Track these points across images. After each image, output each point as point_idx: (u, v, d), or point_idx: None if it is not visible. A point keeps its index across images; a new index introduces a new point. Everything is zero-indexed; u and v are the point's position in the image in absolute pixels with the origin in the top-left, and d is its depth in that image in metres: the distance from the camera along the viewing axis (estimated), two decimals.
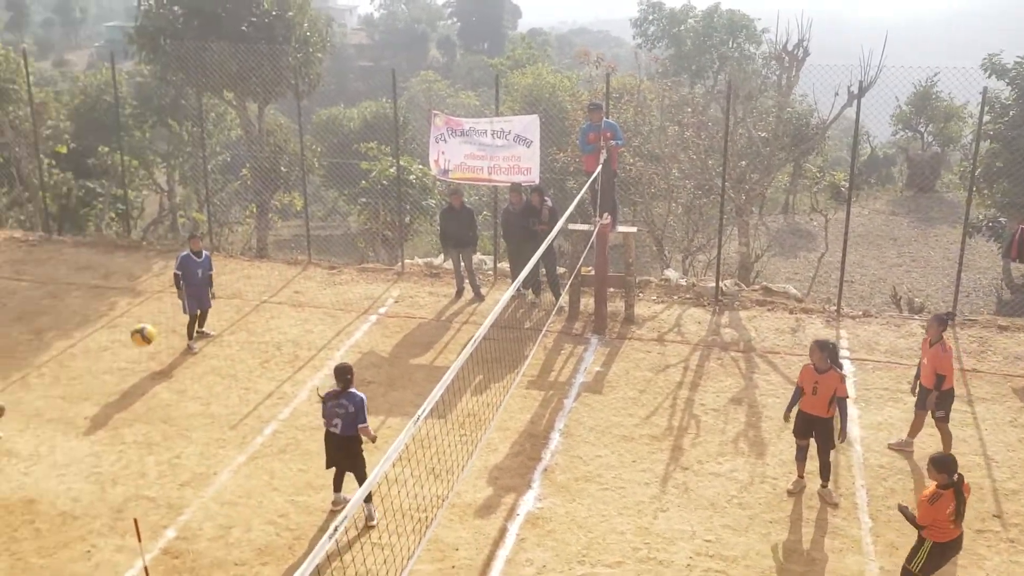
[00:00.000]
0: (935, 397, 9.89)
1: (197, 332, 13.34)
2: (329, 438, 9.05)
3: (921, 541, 7.49)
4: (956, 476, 7.33)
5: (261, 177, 21.79)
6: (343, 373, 8.94)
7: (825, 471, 9.49)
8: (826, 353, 9.14)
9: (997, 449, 10.43)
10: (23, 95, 20.84)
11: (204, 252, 13.17)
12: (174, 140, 27.44)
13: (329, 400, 8.91)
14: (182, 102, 25.79)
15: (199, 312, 13.22)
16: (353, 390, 8.90)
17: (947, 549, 7.48)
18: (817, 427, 9.32)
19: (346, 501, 9.18)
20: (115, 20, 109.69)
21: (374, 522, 9.04)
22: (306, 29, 21.02)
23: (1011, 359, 12.69)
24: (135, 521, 8.15)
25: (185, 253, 13.01)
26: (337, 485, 9.38)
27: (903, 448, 10.41)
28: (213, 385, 12.13)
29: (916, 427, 10.40)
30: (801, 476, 9.66)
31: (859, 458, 10.29)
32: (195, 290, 13.00)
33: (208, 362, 12.76)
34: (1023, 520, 9.13)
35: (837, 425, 9.31)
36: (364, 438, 8.98)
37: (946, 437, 10.13)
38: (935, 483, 7.39)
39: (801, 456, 9.59)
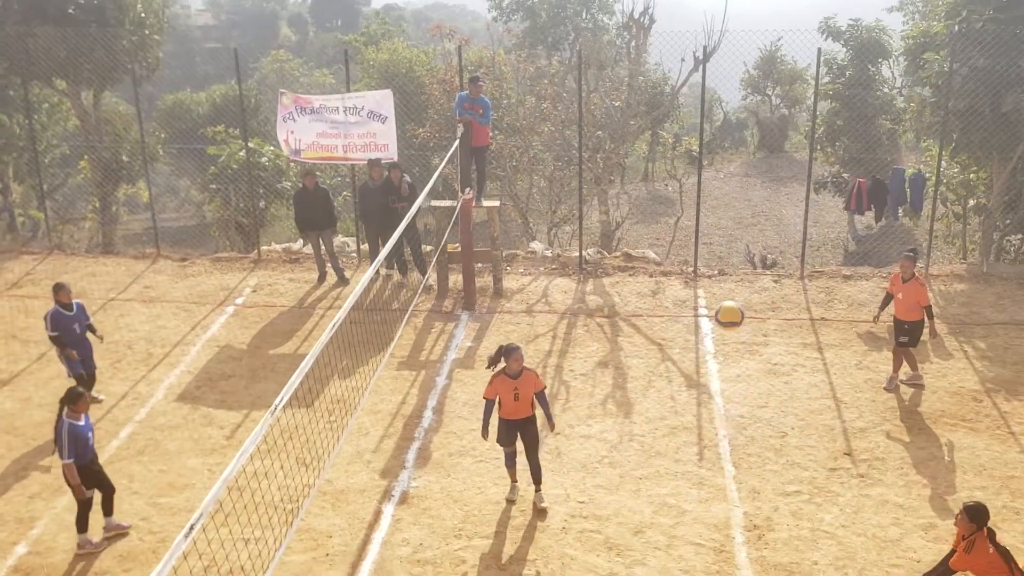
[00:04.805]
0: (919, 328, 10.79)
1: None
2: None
3: None
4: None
5: (101, 168, 20.55)
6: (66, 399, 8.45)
7: (537, 474, 8.92)
8: (511, 358, 8.55)
9: (845, 391, 11.03)
10: None
11: (76, 303, 10.93)
12: (4, 134, 25.52)
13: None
14: (9, 93, 23.97)
15: (85, 374, 10.81)
16: (63, 417, 8.36)
17: None
18: (523, 429, 8.77)
19: (119, 527, 8.69)
20: None
21: (82, 551, 8.47)
22: (140, 11, 19.87)
23: (855, 306, 13.44)
24: None
25: (53, 309, 10.71)
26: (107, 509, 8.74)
27: (916, 382, 11.05)
28: (59, 390, 11.25)
29: (897, 362, 11.09)
30: (515, 481, 9.08)
31: (720, 410, 10.67)
32: (80, 349, 10.83)
33: (53, 366, 11.93)
34: (871, 456, 9.70)
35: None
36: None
37: (911, 359, 11.05)
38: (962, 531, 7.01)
39: (511, 462, 8.97)
